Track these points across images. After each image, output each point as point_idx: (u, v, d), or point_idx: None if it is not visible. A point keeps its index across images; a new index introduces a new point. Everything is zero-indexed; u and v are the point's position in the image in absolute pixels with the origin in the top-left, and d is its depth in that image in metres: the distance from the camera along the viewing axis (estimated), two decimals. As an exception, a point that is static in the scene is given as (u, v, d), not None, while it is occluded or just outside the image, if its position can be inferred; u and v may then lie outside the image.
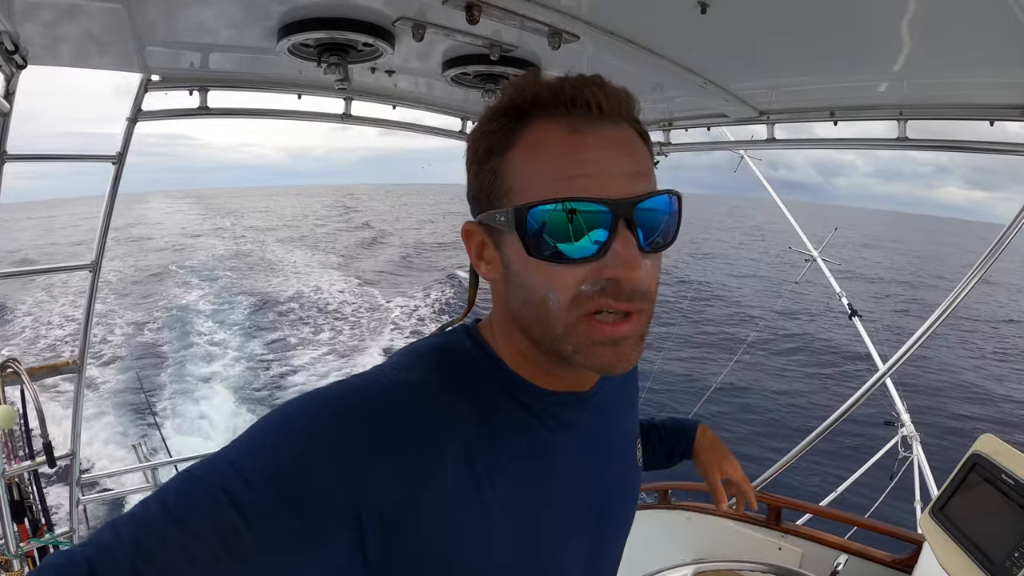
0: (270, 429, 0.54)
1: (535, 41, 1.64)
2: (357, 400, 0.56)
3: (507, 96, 0.63)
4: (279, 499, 0.48)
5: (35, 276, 19.01)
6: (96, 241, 2.56)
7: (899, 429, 5.10)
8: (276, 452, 0.51)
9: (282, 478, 0.49)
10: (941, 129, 2.32)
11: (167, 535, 0.46)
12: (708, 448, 1.16)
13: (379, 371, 0.62)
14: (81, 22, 1.66)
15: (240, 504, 0.48)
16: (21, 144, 2.03)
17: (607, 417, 0.77)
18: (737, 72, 2.06)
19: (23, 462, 2.51)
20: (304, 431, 0.53)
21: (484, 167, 0.62)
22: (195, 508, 0.48)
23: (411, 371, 0.62)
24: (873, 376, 3.06)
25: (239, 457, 0.51)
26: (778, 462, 3.32)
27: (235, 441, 0.53)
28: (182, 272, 27.77)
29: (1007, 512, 1.54)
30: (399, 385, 0.59)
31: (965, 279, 2.51)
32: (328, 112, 2.69)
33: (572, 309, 0.58)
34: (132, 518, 0.48)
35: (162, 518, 0.47)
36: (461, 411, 0.61)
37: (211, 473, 0.50)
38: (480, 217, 0.64)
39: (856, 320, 5.80)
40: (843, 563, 1.94)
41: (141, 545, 0.46)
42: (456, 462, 0.58)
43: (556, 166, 0.58)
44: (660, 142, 3.14)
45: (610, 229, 0.57)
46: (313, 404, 0.55)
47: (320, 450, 0.51)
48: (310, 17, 1.60)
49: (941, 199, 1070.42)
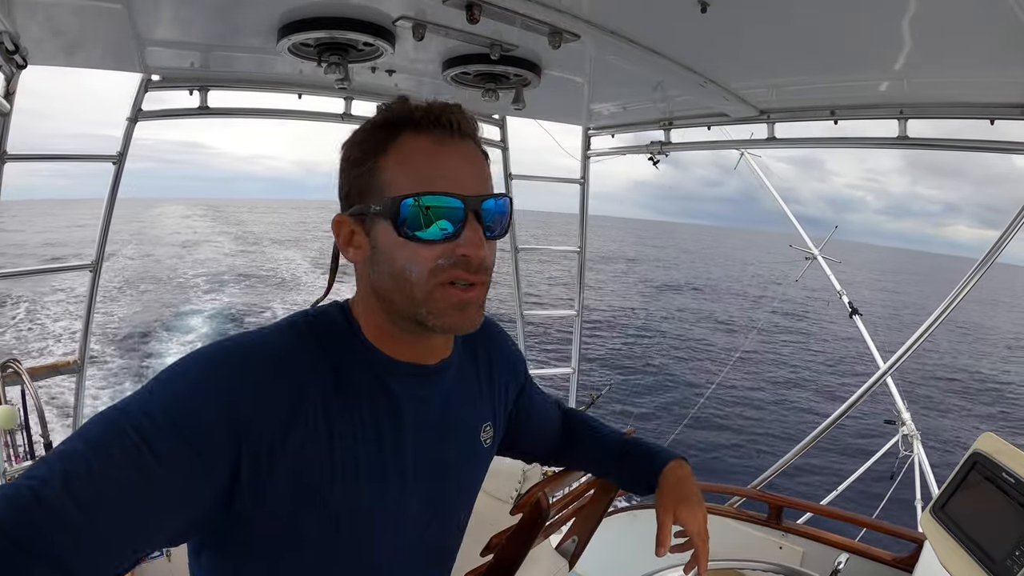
0: (172, 377, 0.66)
1: (535, 40, 1.64)
2: (241, 355, 0.69)
3: (384, 114, 0.77)
4: (176, 432, 0.61)
5: (35, 276, 19.00)
6: (96, 241, 2.56)
7: (900, 428, 5.10)
8: (175, 395, 0.64)
9: (179, 415, 0.62)
10: (941, 128, 2.32)
11: (91, 463, 0.56)
12: (670, 487, 1.04)
13: (260, 331, 0.75)
14: (81, 22, 1.66)
15: (147, 436, 0.59)
16: (41, 143, 2.04)
17: (453, 397, 0.89)
18: (737, 71, 2.06)
19: (24, 462, 2.51)
20: (199, 379, 0.66)
21: (358, 169, 0.76)
22: (112, 440, 0.58)
23: (284, 333, 0.75)
24: (874, 375, 3.06)
25: (147, 398, 0.63)
26: (779, 460, 3.33)
27: (144, 387, 0.65)
28: (190, 276, 27.88)
29: (1008, 511, 1.54)
30: (274, 344, 0.73)
31: (964, 279, 2.51)
32: (328, 112, 2.69)
33: (430, 279, 0.73)
34: (60, 453, 0.57)
35: (86, 450, 0.57)
36: (322, 370, 0.74)
37: (123, 413, 0.61)
38: (352, 210, 0.77)
39: (857, 319, 5.80)
40: (844, 562, 1.93)
41: (70, 474, 0.55)
42: (315, 412, 0.71)
43: (423, 168, 0.73)
44: (660, 141, 3.13)
45: (463, 217, 0.73)
46: (207, 357, 0.68)
47: (210, 394, 0.64)
48: (310, 16, 1.60)
49: (949, 237, 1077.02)
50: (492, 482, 2.56)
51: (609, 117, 3.11)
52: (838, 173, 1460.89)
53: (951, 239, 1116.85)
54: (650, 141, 3.19)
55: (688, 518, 1.00)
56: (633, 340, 19.86)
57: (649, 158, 3.24)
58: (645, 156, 3.26)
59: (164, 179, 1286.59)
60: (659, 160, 3.22)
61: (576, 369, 4.11)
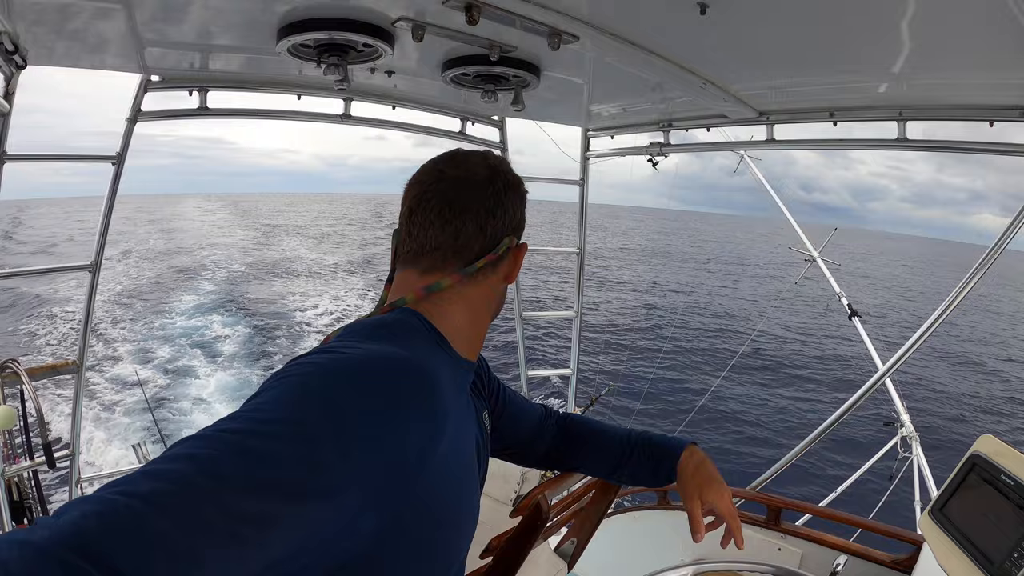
0: (288, 397, 0.57)
1: (535, 42, 1.64)
2: (368, 369, 0.62)
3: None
4: (298, 465, 0.52)
5: (35, 276, 18.98)
6: (96, 242, 2.56)
7: (899, 429, 5.10)
8: (302, 417, 0.55)
9: (298, 445, 0.53)
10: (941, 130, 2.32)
11: (205, 495, 0.47)
12: (692, 473, 1.07)
13: (377, 347, 0.68)
14: (81, 23, 1.66)
15: (267, 466, 0.50)
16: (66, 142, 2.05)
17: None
18: (737, 73, 2.06)
19: (23, 462, 2.51)
20: (323, 399, 0.57)
21: (522, 207, 0.90)
22: (228, 463, 0.49)
23: (399, 348, 0.69)
24: (873, 376, 3.06)
25: (262, 425, 0.54)
26: (778, 462, 3.33)
27: (257, 405, 0.56)
28: (203, 274, 27.94)
29: (1007, 513, 1.54)
30: (395, 359, 0.66)
31: (964, 280, 2.51)
32: (328, 112, 2.69)
33: None
34: (168, 475, 0.47)
35: (196, 473, 0.48)
36: (445, 384, 0.70)
37: (234, 439, 0.52)
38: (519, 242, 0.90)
39: (856, 320, 5.80)
40: (843, 564, 1.93)
41: (180, 501, 0.46)
42: (446, 430, 0.68)
43: None
44: (660, 143, 3.13)
45: None
46: (330, 374, 0.60)
47: (340, 416, 0.57)
48: (310, 18, 1.60)
49: (976, 226, 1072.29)
50: (491, 484, 2.55)
51: (608, 118, 3.11)
52: (863, 161, 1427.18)
53: (978, 228, 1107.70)
54: (649, 142, 3.19)
55: (715, 499, 1.03)
56: (633, 339, 19.85)
57: (648, 159, 3.24)
58: (644, 157, 3.26)
59: (186, 175, 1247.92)
60: (658, 162, 3.23)
61: (575, 371, 4.11)
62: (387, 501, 0.61)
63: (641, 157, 3.27)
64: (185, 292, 23.84)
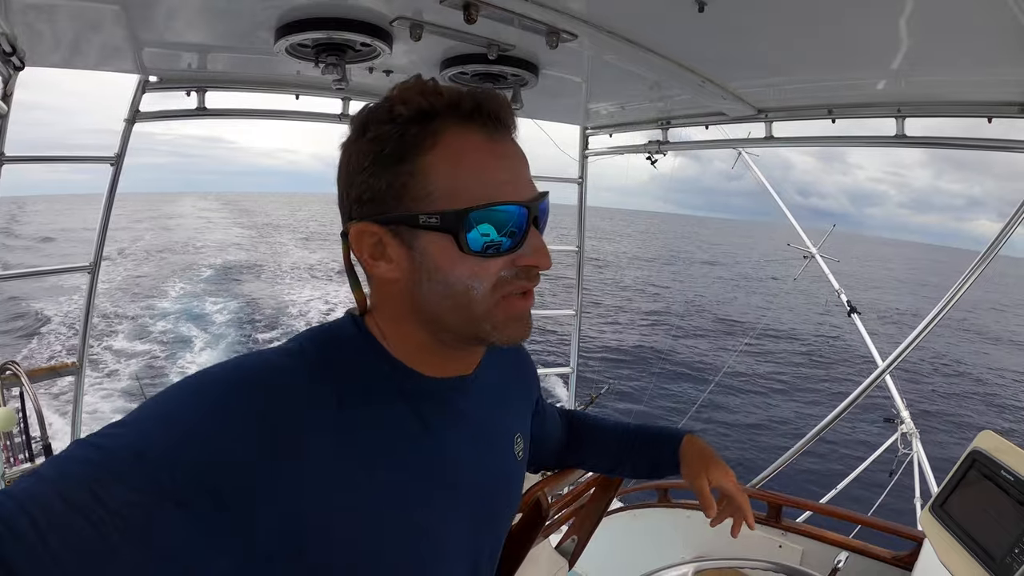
0: (150, 411, 0.58)
1: (533, 40, 1.64)
2: (225, 385, 0.60)
3: (416, 100, 0.67)
4: (146, 474, 0.52)
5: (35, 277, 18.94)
6: (95, 242, 2.56)
7: (899, 426, 5.11)
8: (150, 433, 0.55)
9: (151, 456, 0.53)
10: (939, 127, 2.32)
11: (61, 494, 0.50)
12: (693, 458, 1.07)
13: (264, 353, 0.66)
14: (79, 24, 1.65)
15: (118, 475, 0.52)
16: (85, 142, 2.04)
17: (488, 404, 0.81)
18: (735, 70, 2.06)
19: (23, 464, 2.51)
20: (177, 415, 0.57)
21: (394, 168, 0.65)
22: (79, 473, 0.52)
23: (289, 354, 0.66)
24: (873, 373, 3.06)
25: (123, 433, 0.55)
26: (779, 459, 3.33)
27: (125, 418, 0.57)
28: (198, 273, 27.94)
29: (1007, 509, 1.54)
30: (271, 367, 0.63)
31: (963, 277, 2.51)
32: (326, 112, 2.69)
33: (493, 294, 0.66)
34: (37, 475, 0.52)
35: (55, 478, 0.51)
36: (334, 392, 0.64)
37: (97, 446, 0.54)
38: (387, 217, 0.66)
39: (855, 317, 5.80)
40: (843, 560, 1.94)
41: (40, 500, 0.49)
42: (322, 445, 0.61)
43: (483, 173, 0.65)
44: (659, 140, 3.13)
45: (526, 225, 0.66)
46: (188, 390, 0.59)
47: (186, 432, 0.55)
48: (308, 17, 1.60)
49: (973, 232, 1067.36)
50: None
51: (607, 117, 3.11)
52: (861, 166, 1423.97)
53: (975, 234, 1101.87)
54: (648, 140, 3.19)
55: (721, 477, 1.03)
56: (634, 338, 19.86)
57: (647, 157, 3.24)
58: (643, 156, 3.26)
59: (184, 173, 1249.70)
60: (656, 160, 3.23)
61: (575, 369, 4.11)
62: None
63: (639, 160, 3.27)
64: (179, 284, 23.83)
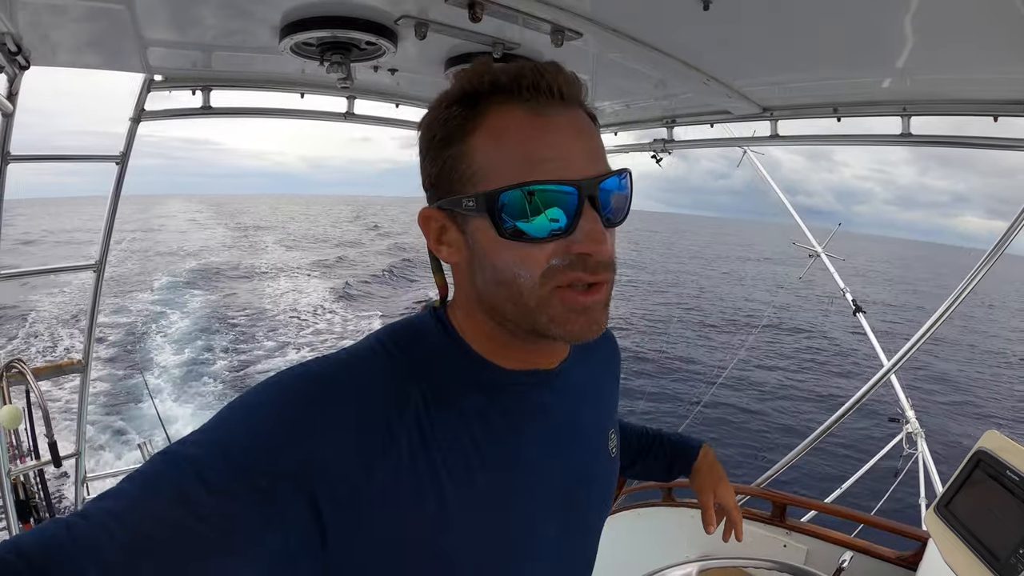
0: (234, 414, 0.57)
1: (538, 39, 1.64)
2: (311, 384, 0.60)
3: (462, 83, 0.64)
4: (237, 477, 0.52)
5: (38, 276, 19.05)
6: (100, 241, 2.56)
7: (904, 426, 5.09)
8: (236, 435, 0.55)
9: (241, 458, 0.53)
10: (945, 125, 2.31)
11: (136, 498, 0.50)
12: (706, 470, 1.17)
13: (342, 353, 0.65)
14: (83, 23, 1.66)
15: (206, 480, 0.51)
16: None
17: (575, 400, 0.78)
18: (740, 69, 2.05)
19: (28, 462, 2.52)
20: (262, 415, 0.57)
21: (443, 153, 0.64)
22: (164, 475, 0.52)
23: (370, 353, 0.65)
24: (878, 372, 3.05)
25: (210, 433, 0.56)
26: (783, 458, 3.32)
27: (206, 424, 0.57)
28: (194, 274, 28.03)
29: (1012, 509, 1.53)
30: (352, 368, 0.62)
31: (969, 275, 2.50)
32: (331, 111, 2.69)
33: (544, 284, 0.61)
34: (111, 491, 0.52)
35: (133, 487, 0.51)
36: (418, 391, 0.63)
37: (182, 446, 0.55)
38: (442, 202, 0.65)
39: (860, 316, 5.77)
40: (848, 560, 1.93)
41: (112, 509, 0.49)
42: (411, 443, 0.60)
43: (523, 149, 0.60)
44: (663, 139, 3.13)
45: (577, 207, 0.60)
46: (273, 390, 0.59)
47: (276, 433, 0.55)
48: (313, 16, 1.60)
49: (958, 228, 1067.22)
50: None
51: (611, 115, 3.11)
52: (847, 164, 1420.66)
53: (960, 230, 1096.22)
54: (652, 139, 3.18)
55: (726, 495, 1.14)
56: (634, 338, 19.83)
57: (652, 156, 3.24)
58: (648, 154, 3.26)
59: (169, 175, 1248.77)
60: (661, 158, 3.22)
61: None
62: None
63: (640, 158, 3.26)
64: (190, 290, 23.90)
